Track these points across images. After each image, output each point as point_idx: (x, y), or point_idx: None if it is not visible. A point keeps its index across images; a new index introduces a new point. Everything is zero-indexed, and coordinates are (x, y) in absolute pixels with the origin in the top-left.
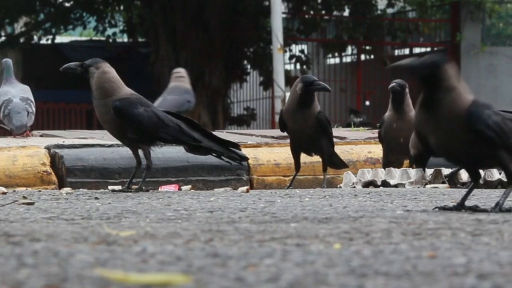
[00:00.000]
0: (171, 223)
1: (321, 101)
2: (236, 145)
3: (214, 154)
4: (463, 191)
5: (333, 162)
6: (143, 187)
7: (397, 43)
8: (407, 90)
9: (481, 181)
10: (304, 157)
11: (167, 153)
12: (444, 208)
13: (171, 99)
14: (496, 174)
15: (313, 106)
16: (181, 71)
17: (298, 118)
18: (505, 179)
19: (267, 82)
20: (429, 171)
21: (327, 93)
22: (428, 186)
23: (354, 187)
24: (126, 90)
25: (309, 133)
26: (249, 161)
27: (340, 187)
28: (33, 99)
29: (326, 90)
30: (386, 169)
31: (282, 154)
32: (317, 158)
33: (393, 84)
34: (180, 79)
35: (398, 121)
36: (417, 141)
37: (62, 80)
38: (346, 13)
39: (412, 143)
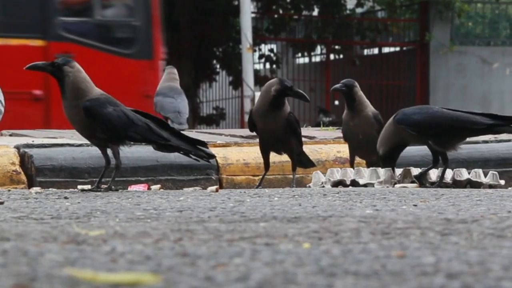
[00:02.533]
0: (140, 222)
1: (290, 100)
2: (204, 143)
3: (182, 152)
4: (432, 190)
5: (301, 161)
6: (113, 187)
7: (366, 43)
8: (356, 89)
9: (450, 181)
10: (273, 157)
11: (137, 152)
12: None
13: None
14: (465, 174)
15: (284, 107)
16: (176, 72)
17: (268, 119)
18: (474, 179)
19: (237, 82)
20: (398, 171)
21: None
22: (397, 185)
23: (323, 186)
24: (97, 90)
25: (279, 134)
26: (218, 160)
27: (309, 186)
28: (3, 99)
29: (305, 99)
30: (355, 168)
31: (252, 153)
32: (286, 158)
33: (337, 85)
34: (176, 81)
35: (354, 119)
36: (386, 141)
37: None
38: (315, 12)
39: (379, 142)
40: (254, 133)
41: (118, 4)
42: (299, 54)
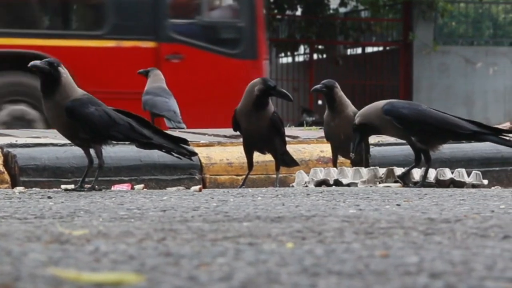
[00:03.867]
0: (123, 222)
1: (274, 100)
2: (185, 141)
3: (163, 150)
4: (415, 189)
5: (284, 161)
6: (96, 186)
7: (349, 43)
8: (336, 89)
9: (433, 180)
10: (256, 156)
11: (120, 152)
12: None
13: (174, 100)
14: (448, 174)
15: (268, 107)
16: (161, 74)
17: (252, 119)
18: (457, 178)
19: None
20: (382, 170)
21: None
22: (380, 185)
23: (307, 186)
24: (80, 91)
25: (263, 134)
26: (202, 160)
27: (293, 186)
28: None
29: (288, 99)
30: (339, 168)
31: (235, 153)
32: (269, 157)
33: (317, 86)
34: (163, 82)
35: (335, 120)
36: (365, 117)
37: None
38: (299, 12)
39: (361, 113)
40: (238, 133)
41: (224, 6)
42: (282, 54)
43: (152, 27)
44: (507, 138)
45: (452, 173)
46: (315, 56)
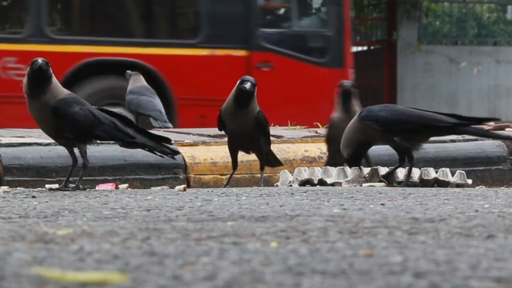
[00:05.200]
0: (108, 221)
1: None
2: (168, 140)
3: (147, 149)
4: (400, 189)
5: (268, 160)
6: (80, 186)
7: None
8: (355, 91)
9: (417, 180)
10: (241, 156)
11: (104, 151)
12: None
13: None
14: (432, 173)
15: (252, 106)
16: (142, 77)
17: (237, 118)
18: (441, 178)
19: None
20: (366, 170)
21: None
22: (364, 184)
23: (291, 185)
24: (65, 91)
25: (248, 133)
26: (186, 159)
27: (277, 185)
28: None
29: (247, 90)
30: (323, 167)
31: (219, 152)
32: (254, 157)
33: (346, 83)
34: (144, 82)
35: (346, 121)
36: (350, 142)
37: None
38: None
39: (343, 143)
40: (222, 132)
41: (313, 16)
42: None
43: (244, 36)
44: (486, 128)
45: (436, 172)
46: None
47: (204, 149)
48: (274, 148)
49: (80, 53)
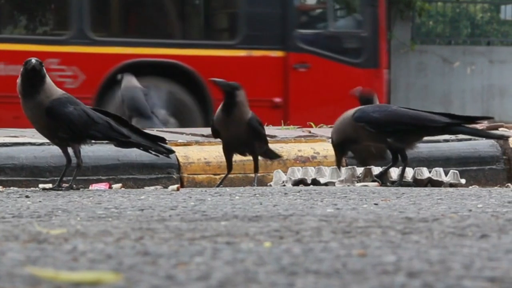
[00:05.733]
0: (101, 221)
1: None
2: (163, 139)
3: (141, 148)
4: (393, 189)
5: (267, 154)
6: (74, 186)
7: None
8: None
9: (410, 179)
10: (234, 156)
11: (98, 151)
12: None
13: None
14: (426, 173)
15: (241, 112)
16: (135, 79)
17: (228, 125)
18: (435, 177)
19: None
20: (359, 170)
21: None
22: (358, 184)
23: (284, 185)
24: (59, 91)
25: (242, 139)
26: (180, 159)
27: (270, 185)
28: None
29: (219, 84)
30: (316, 167)
31: (213, 152)
32: (247, 157)
33: (359, 90)
34: (136, 83)
35: None
36: (341, 132)
37: None
38: None
39: (335, 130)
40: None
41: (348, 17)
42: None
43: (281, 37)
44: (479, 127)
45: (430, 172)
46: None
47: (197, 148)
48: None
49: (120, 55)
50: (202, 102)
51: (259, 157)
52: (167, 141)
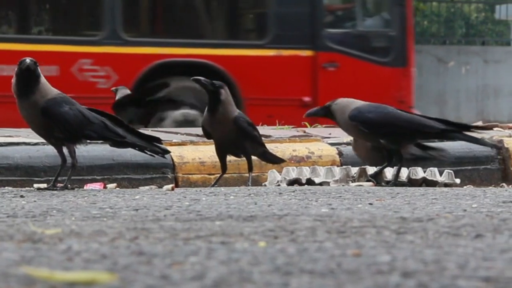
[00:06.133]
0: (96, 221)
1: None
2: (158, 139)
3: (137, 148)
4: (388, 188)
5: (268, 159)
6: (69, 185)
7: None
8: None
9: (405, 179)
10: (228, 156)
11: (93, 151)
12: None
13: None
14: (420, 173)
15: (226, 110)
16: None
17: (214, 125)
18: (429, 177)
19: None
20: (354, 169)
21: None
22: (352, 184)
23: (279, 185)
24: (55, 90)
25: (232, 139)
26: (174, 159)
27: (265, 185)
28: None
29: (201, 83)
30: (311, 167)
31: (207, 152)
32: (242, 158)
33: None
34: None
35: None
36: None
37: None
38: None
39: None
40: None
41: (376, 16)
42: None
43: (310, 36)
44: (475, 135)
45: (425, 172)
46: None
47: (192, 148)
48: None
49: (152, 55)
50: (233, 101)
51: (259, 158)
52: (162, 141)
